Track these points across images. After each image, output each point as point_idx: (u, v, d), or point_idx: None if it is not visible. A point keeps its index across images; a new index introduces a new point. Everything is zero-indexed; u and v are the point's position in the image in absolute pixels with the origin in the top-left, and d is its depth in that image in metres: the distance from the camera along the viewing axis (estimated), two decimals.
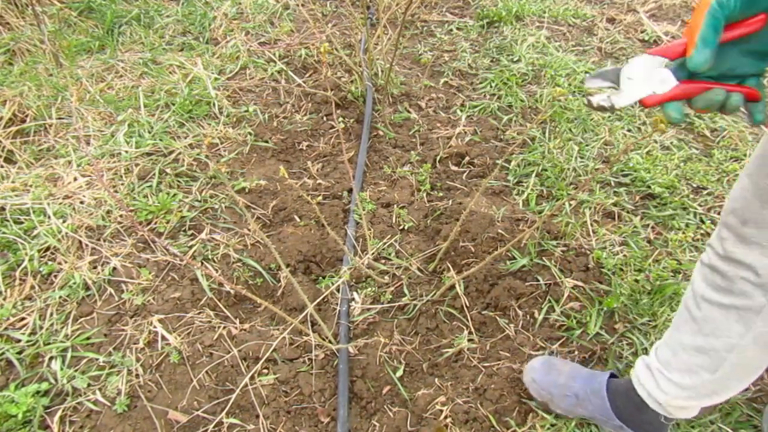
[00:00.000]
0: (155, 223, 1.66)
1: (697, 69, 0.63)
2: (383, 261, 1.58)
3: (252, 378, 1.29)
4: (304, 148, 2.04)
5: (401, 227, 1.69)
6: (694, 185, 1.90)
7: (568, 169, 1.91)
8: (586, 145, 2.04)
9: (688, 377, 1.00)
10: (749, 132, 2.18)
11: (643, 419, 1.12)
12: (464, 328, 1.42)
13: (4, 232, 1.57)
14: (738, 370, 0.96)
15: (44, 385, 1.25)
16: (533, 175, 1.89)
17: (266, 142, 2.02)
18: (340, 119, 2.15)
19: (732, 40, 0.64)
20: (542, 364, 1.26)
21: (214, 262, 1.56)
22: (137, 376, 1.29)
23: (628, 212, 1.78)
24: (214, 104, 2.16)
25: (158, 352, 1.34)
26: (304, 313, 1.42)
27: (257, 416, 1.23)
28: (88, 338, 1.36)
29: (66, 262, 1.52)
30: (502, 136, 2.11)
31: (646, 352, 1.36)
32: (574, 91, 2.32)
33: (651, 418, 1.11)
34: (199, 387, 1.28)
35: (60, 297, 1.44)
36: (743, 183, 0.85)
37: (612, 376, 1.20)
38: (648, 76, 0.67)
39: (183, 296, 1.46)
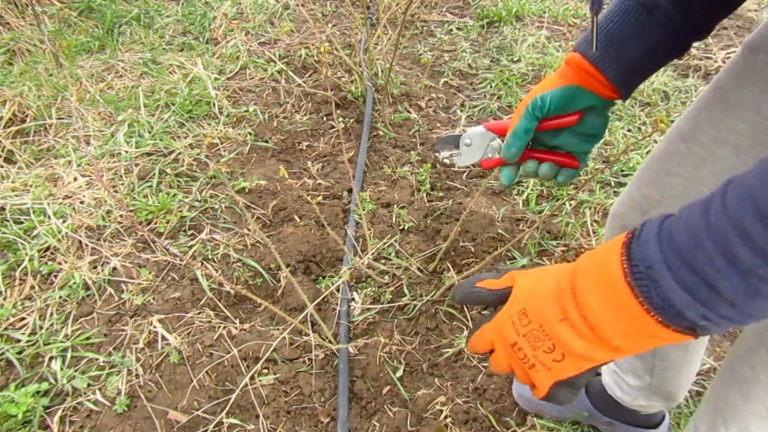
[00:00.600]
0: (155, 223, 1.66)
1: (507, 161, 0.76)
2: (383, 261, 1.58)
3: (252, 378, 1.29)
4: (304, 148, 2.04)
5: (401, 227, 1.69)
6: None
7: None
8: None
9: (635, 379, 1.05)
10: None
11: (627, 414, 1.14)
12: (464, 328, 1.42)
13: (4, 232, 1.57)
14: (669, 373, 1.00)
15: (44, 385, 1.25)
16: None
17: (266, 142, 2.02)
18: (340, 119, 2.15)
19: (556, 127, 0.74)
20: None
21: (214, 262, 1.56)
22: (137, 376, 1.29)
23: None
24: (214, 104, 2.16)
25: (158, 352, 1.34)
26: (304, 313, 1.42)
27: (257, 416, 1.23)
28: (88, 338, 1.36)
29: (66, 262, 1.52)
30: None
31: None
32: None
33: (633, 413, 1.13)
34: (199, 387, 1.28)
35: (60, 297, 1.44)
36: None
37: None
38: (482, 144, 0.80)
39: (183, 296, 1.46)
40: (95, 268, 1.53)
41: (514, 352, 0.57)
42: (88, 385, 1.27)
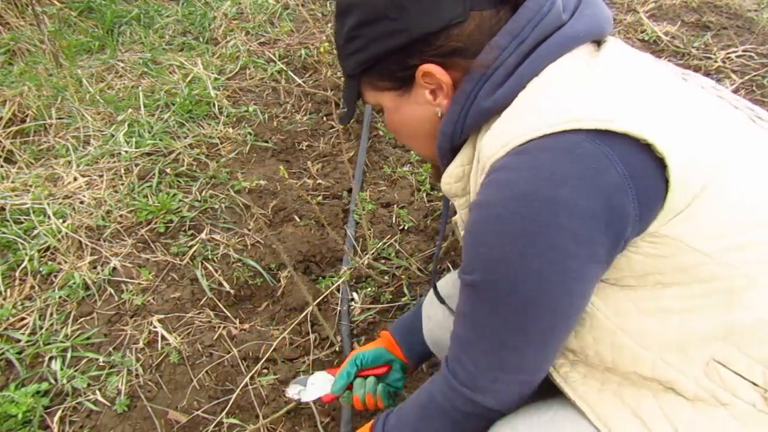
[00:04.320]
0: (155, 223, 1.66)
1: (336, 393, 1.03)
2: (383, 261, 1.58)
3: (252, 378, 1.29)
4: (304, 148, 2.04)
5: (401, 227, 1.69)
6: None
7: None
8: None
9: None
10: None
11: None
12: None
13: (4, 232, 1.57)
14: None
15: (44, 385, 1.25)
16: None
17: (266, 142, 2.02)
18: None
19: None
20: None
21: (214, 262, 1.56)
22: (137, 376, 1.29)
23: None
24: (214, 104, 2.16)
25: (158, 352, 1.34)
26: (305, 312, 1.42)
27: (257, 416, 1.23)
28: (88, 338, 1.36)
29: (66, 262, 1.52)
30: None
31: None
32: None
33: None
34: (199, 387, 1.28)
35: (60, 297, 1.44)
36: None
37: None
38: (324, 384, 1.06)
39: (183, 296, 1.46)
40: (95, 268, 1.53)
41: None
42: (88, 385, 1.27)
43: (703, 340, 0.62)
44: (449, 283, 1.05)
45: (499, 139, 0.61)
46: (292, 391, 1.07)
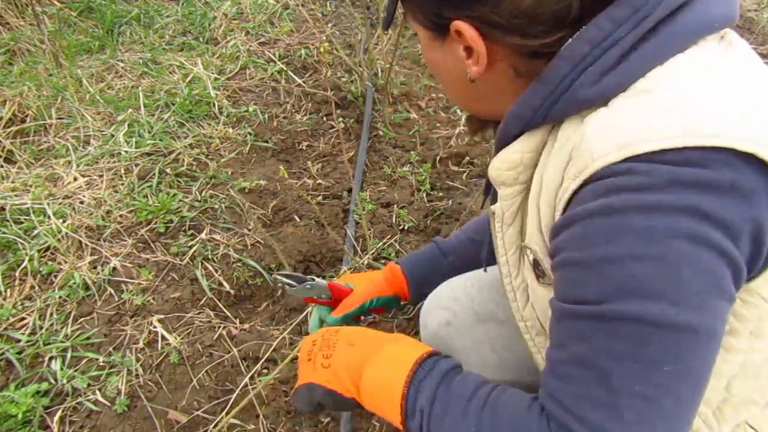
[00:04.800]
0: (155, 223, 1.66)
1: (328, 324, 1.01)
2: (383, 261, 1.58)
3: (252, 378, 1.29)
4: (304, 148, 2.04)
5: (401, 227, 1.69)
6: None
7: None
8: None
9: None
10: None
11: None
12: None
13: (4, 232, 1.57)
14: None
15: (44, 385, 1.25)
16: None
17: (266, 142, 2.02)
18: (340, 119, 2.15)
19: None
20: None
21: (214, 262, 1.56)
22: (137, 376, 1.29)
23: None
24: (214, 104, 2.16)
25: (158, 352, 1.34)
26: (305, 312, 1.42)
27: (257, 416, 1.23)
28: (88, 338, 1.36)
29: (66, 262, 1.52)
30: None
31: None
32: None
33: None
34: (199, 387, 1.28)
35: (60, 297, 1.44)
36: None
37: None
38: (317, 291, 1.03)
39: (183, 296, 1.46)
40: (95, 268, 1.53)
41: (309, 344, 0.77)
42: (88, 385, 1.27)
43: (743, 404, 0.59)
44: (444, 294, 1.03)
45: (614, 138, 0.50)
46: (285, 280, 1.02)
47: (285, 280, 1.00)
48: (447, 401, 0.61)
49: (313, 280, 1.00)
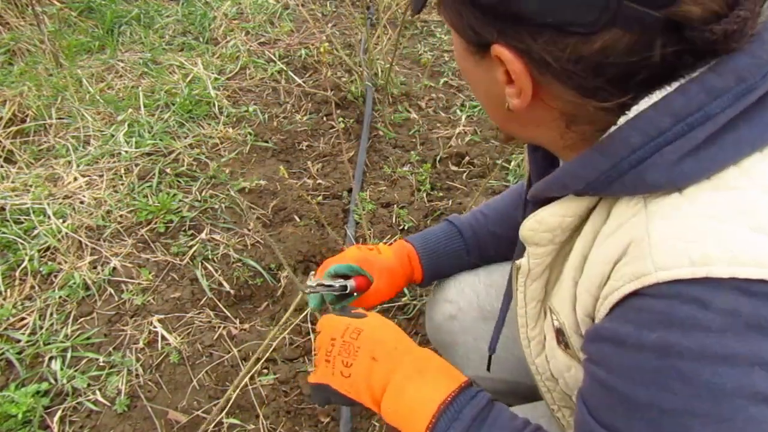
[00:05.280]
0: (155, 223, 1.66)
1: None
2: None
3: (252, 378, 1.29)
4: (304, 148, 2.04)
5: (401, 227, 1.69)
6: None
7: None
8: None
9: None
10: None
11: None
12: None
13: (4, 232, 1.57)
14: None
15: (44, 385, 1.25)
16: None
17: (266, 142, 2.02)
18: (340, 119, 2.15)
19: None
20: None
21: (214, 262, 1.56)
22: (137, 376, 1.29)
23: None
24: (214, 104, 2.16)
25: (158, 352, 1.34)
26: (305, 312, 1.42)
27: (257, 416, 1.23)
28: (88, 338, 1.36)
29: (66, 262, 1.52)
30: (502, 136, 2.10)
31: None
32: None
33: None
34: (199, 387, 1.28)
35: (60, 297, 1.44)
36: None
37: None
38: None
39: (183, 296, 1.46)
40: (95, 268, 1.53)
41: (328, 342, 0.72)
42: (88, 385, 1.27)
43: None
44: (452, 288, 0.98)
45: (688, 248, 0.41)
46: (322, 289, 0.91)
47: (315, 290, 0.91)
48: None
49: (345, 288, 0.90)
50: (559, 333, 0.59)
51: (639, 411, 0.44)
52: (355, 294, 0.91)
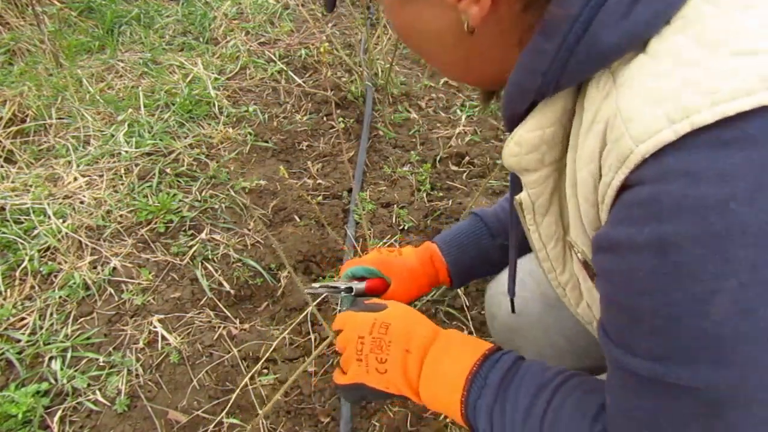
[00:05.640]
0: (155, 223, 1.66)
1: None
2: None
3: (252, 378, 1.29)
4: (304, 148, 2.04)
5: (401, 227, 1.69)
6: None
7: None
8: None
9: None
10: None
11: None
12: (464, 327, 1.42)
13: (4, 232, 1.57)
14: None
15: (44, 385, 1.25)
16: None
17: (266, 142, 2.02)
18: (340, 119, 2.15)
19: None
20: None
21: (214, 262, 1.56)
22: (137, 376, 1.29)
23: None
24: (214, 104, 2.16)
25: (158, 352, 1.34)
26: (305, 313, 1.42)
27: (257, 416, 1.23)
28: (88, 338, 1.36)
29: (66, 262, 1.52)
30: (502, 136, 2.11)
31: None
32: None
33: None
34: (199, 387, 1.28)
35: (60, 297, 1.44)
36: None
37: None
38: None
39: (183, 296, 1.46)
40: (95, 268, 1.53)
41: (356, 341, 0.69)
42: (88, 385, 1.27)
43: None
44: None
45: (663, 109, 0.35)
46: (326, 290, 0.91)
47: (317, 291, 0.90)
48: (503, 425, 0.57)
49: (351, 289, 0.87)
50: (586, 266, 0.53)
51: (644, 322, 0.39)
52: (366, 296, 0.89)
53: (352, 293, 0.87)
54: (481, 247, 0.90)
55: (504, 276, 0.89)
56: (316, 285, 0.90)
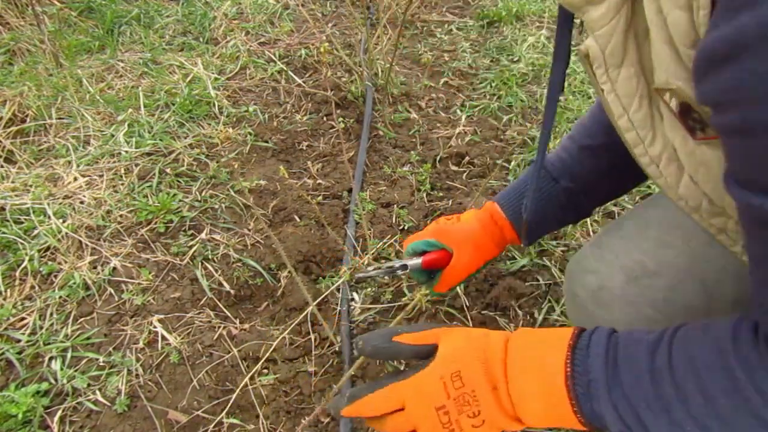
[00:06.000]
0: (155, 223, 1.66)
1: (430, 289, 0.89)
2: (383, 261, 1.58)
3: (252, 378, 1.29)
4: (304, 148, 2.04)
5: (401, 227, 1.69)
6: None
7: None
8: None
9: None
10: None
11: None
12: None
13: (4, 232, 1.57)
14: None
15: (44, 385, 1.25)
16: None
17: (266, 142, 2.02)
18: (340, 119, 2.15)
19: None
20: None
21: (214, 262, 1.56)
22: (137, 376, 1.29)
23: None
24: (214, 104, 2.16)
25: (158, 352, 1.34)
26: (305, 313, 1.42)
27: (257, 416, 1.23)
28: (88, 338, 1.36)
29: (66, 262, 1.52)
30: (502, 136, 2.11)
31: None
32: (574, 92, 2.32)
33: None
34: (199, 387, 1.28)
35: (60, 297, 1.44)
36: None
37: None
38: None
39: (183, 296, 1.46)
40: (95, 268, 1.53)
41: (436, 415, 0.56)
42: (88, 385, 1.27)
43: None
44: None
45: None
46: (371, 273, 0.86)
47: (369, 274, 0.84)
48: (630, 402, 0.48)
49: (405, 267, 0.81)
50: (686, 114, 0.43)
51: None
52: (424, 271, 0.81)
53: (396, 269, 0.82)
54: (545, 194, 0.80)
55: (583, 251, 0.82)
56: (370, 269, 0.85)
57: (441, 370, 0.57)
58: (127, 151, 1.89)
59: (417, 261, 0.82)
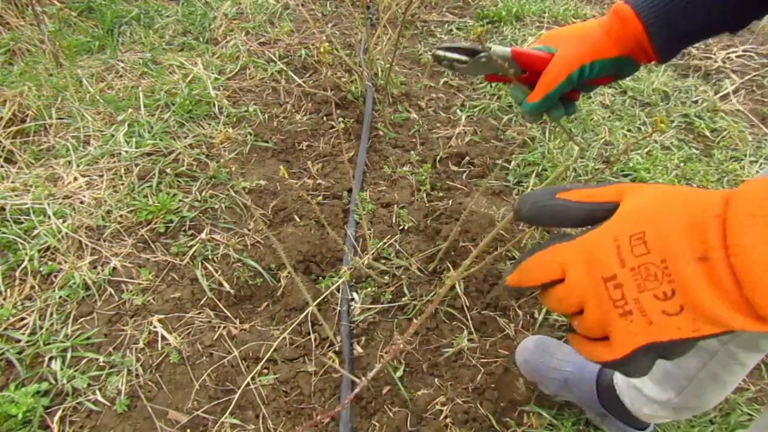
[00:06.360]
0: (155, 223, 1.66)
1: (526, 113, 0.71)
2: (383, 261, 1.58)
3: (252, 378, 1.29)
4: (304, 148, 2.04)
5: (401, 227, 1.69)
6: (694, 185, 1.90)
7: (569, 169, 1.91)
8: (588, 145, 2.04)
9: (658, 392, 1.04)
10: (749, 132, 2.18)
11: (626, 411, 1.14)
12: (464, 328, 1.42)
13: (4, 232, 1.57)
14: (698, 400, 1.00)
15: (44, 385, 1.25)
16: (533, 175, 1.89)
17: (266, 142, 2.02)
18: (340, 119, 2.15)
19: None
20: (536, 345, 1.27)
21: (214, 262, 1.56)
22: (137, 376, 1.29)
23: None
24: (214, 104, 2.16)
25: (158, 352, 1.34)
26: (305, 313, 1.42)
27: (257, 416, 1.23)
28: (88, 338, 1.36)
29: (66, 262, 1.52)
30: (502, 136, 2.11)
31: None
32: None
33: (630, 412, 1.14)
34: (199, 387, 1.28)
35: (60, 297, 1.44)
36: None
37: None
38: (491, 63, 0.70)
39: (183, 296, 1.46)
40: (95, 268, 1.53)
41: (604, 288, 0.41)
42: (88, 385, 1.27)
43: None
44: None
45: None
46: (450, 56, 0.71)
47: (450, 55, 0.70)
48: None
49: (489, 49, 0.66)
50: None
51: None
52: (515, 66, 0.68)
53: (491, 50, 0.67)
54: (695, 5, 0.63)
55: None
56: (441, 49, 0.71)
57: (616, 230, 0.42)
58: (127, 151, 1.89)
59: (505, 49, 0.67)
